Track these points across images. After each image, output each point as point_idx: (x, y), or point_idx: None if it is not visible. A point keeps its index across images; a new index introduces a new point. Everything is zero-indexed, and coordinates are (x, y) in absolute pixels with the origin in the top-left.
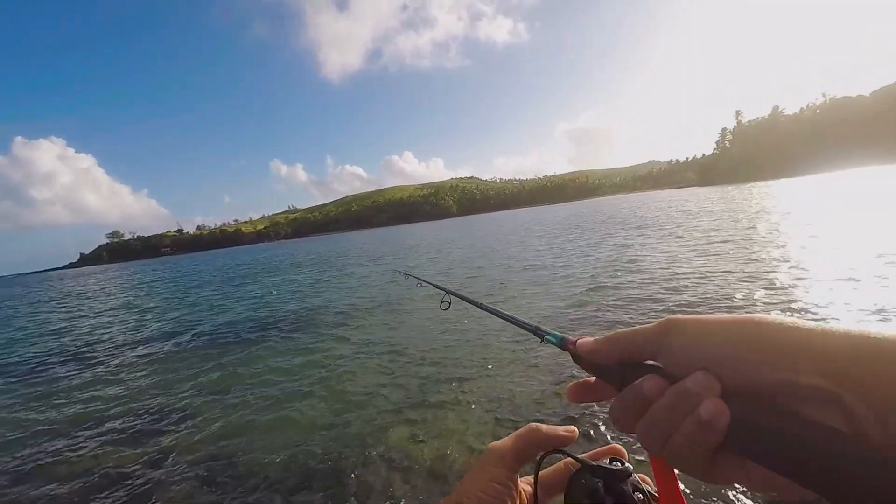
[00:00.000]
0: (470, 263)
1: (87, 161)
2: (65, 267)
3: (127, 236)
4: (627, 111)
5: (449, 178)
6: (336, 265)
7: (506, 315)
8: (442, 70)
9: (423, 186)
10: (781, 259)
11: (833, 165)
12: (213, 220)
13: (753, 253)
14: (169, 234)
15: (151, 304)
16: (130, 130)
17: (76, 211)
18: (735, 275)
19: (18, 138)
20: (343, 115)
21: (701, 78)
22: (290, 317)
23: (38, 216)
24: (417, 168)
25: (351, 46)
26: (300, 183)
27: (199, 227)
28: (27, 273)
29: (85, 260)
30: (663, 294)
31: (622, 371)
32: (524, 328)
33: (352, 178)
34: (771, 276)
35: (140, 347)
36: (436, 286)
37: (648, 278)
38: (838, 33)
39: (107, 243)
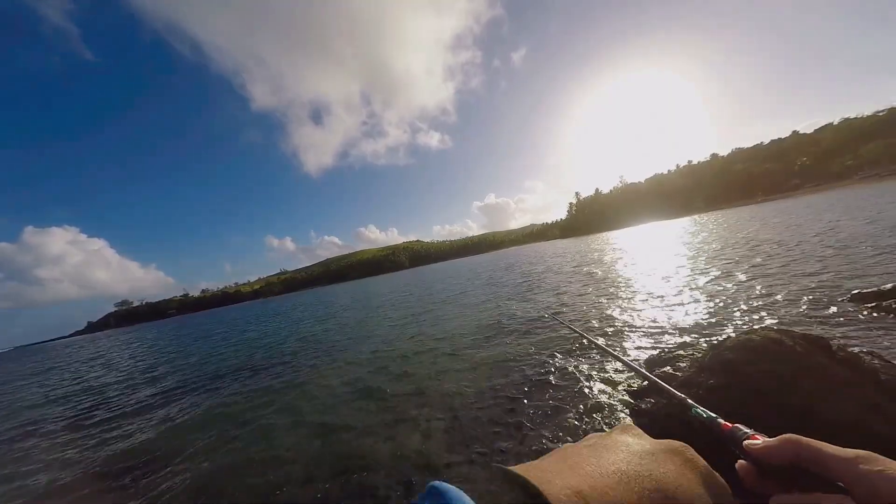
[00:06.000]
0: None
1: (98, 244)
2: (70, 335)
3: (136, 304)
4: (517, 192)
5: (402, 241)
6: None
7: (649, 376)
8: (394, 166)
9: (383, 248)
10: (617, 271)
11: (629, 223)
12: (215, 284)
13: (598, 270)
14: (175, 298)
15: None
16: (140, 215)
17: (84, 286)
18: (595, 277)
19: (29, 227)
20: (321, 198)
21: (554, 172)
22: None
23: (44, 294)
24: (379, 235)
25: (325, 149)
26: (289, 251)
27: (203, 291)
28: (26, 345)
29: (93, 327)
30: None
31: (797, 474)
32: (671, 396)
33: (330, 245)
34: (614, 279)
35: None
36: (573, 328)
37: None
38: (626, 148)
39: (114, 311)
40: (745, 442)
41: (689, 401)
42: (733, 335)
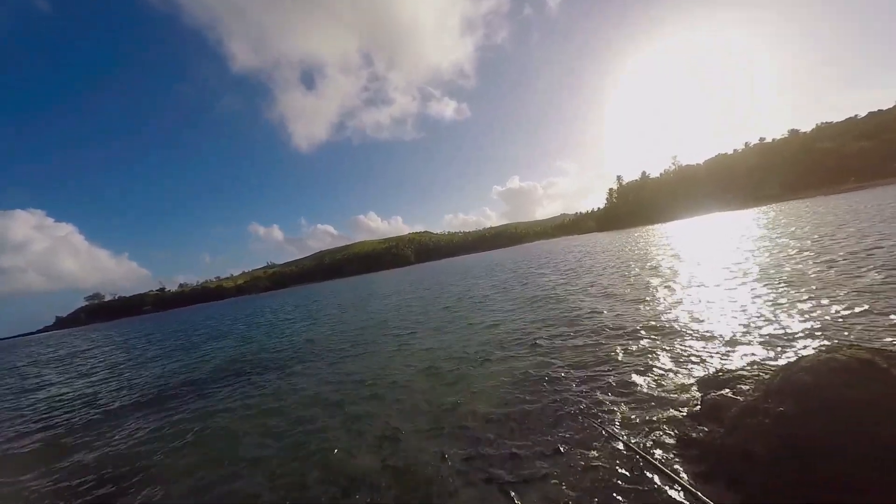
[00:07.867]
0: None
1: (66, 229)
2: (39, 331)
3: (108, 298)
4: (545, 174)
5: (407, 232)
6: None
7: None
8: (399, 141)
9: (385, 240)
10: (662, 277)
11: (683, 214)
12: (194, 279)
13: (641, 273)
14: (151, 293)
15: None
16: (111, 199)
17: (52, 277)
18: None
19: None
20: (313, 180)
21: (594, 152)
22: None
23: (6, 285)
24: (381, 225)
25: (317, 120)
26: (277, 242)
27: (181, 285)
28: None
29: (62, 323)
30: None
31: None
32: None
33: (324, 236)
34: (659, 281)
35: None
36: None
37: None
38: (680, 123)
39: (85, 305)
40: None
41: None
42: (811, 353)
